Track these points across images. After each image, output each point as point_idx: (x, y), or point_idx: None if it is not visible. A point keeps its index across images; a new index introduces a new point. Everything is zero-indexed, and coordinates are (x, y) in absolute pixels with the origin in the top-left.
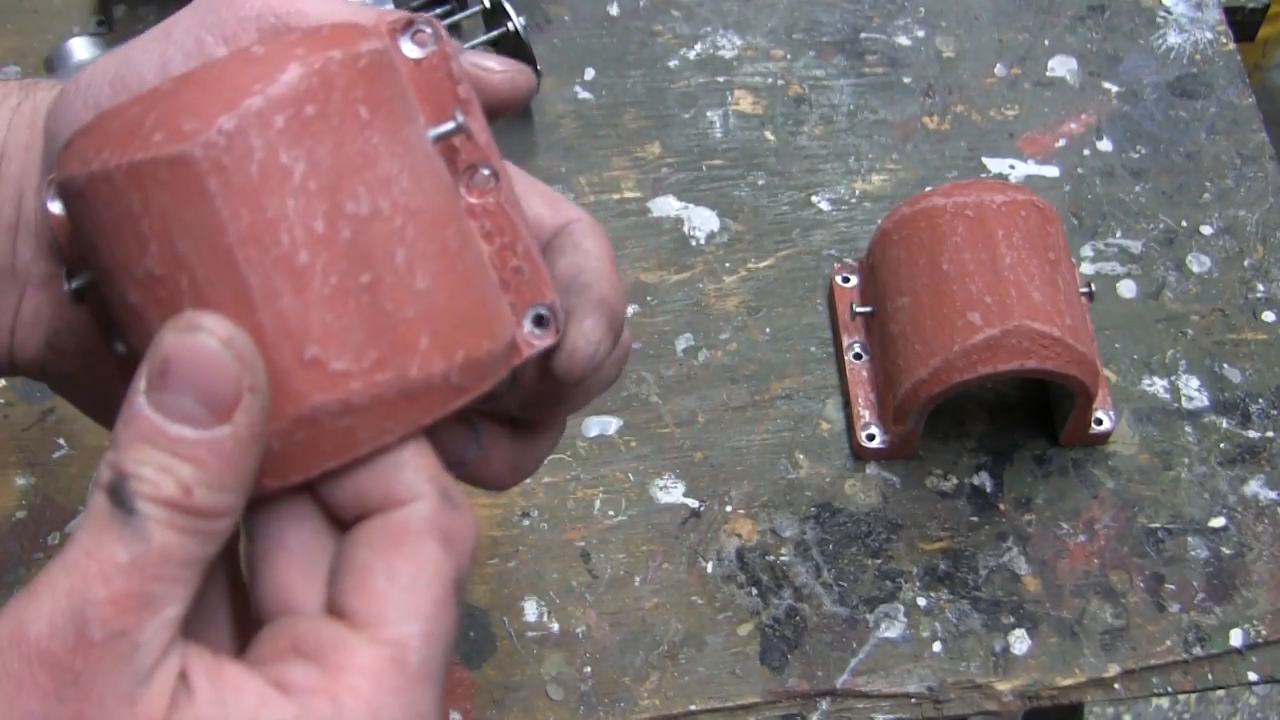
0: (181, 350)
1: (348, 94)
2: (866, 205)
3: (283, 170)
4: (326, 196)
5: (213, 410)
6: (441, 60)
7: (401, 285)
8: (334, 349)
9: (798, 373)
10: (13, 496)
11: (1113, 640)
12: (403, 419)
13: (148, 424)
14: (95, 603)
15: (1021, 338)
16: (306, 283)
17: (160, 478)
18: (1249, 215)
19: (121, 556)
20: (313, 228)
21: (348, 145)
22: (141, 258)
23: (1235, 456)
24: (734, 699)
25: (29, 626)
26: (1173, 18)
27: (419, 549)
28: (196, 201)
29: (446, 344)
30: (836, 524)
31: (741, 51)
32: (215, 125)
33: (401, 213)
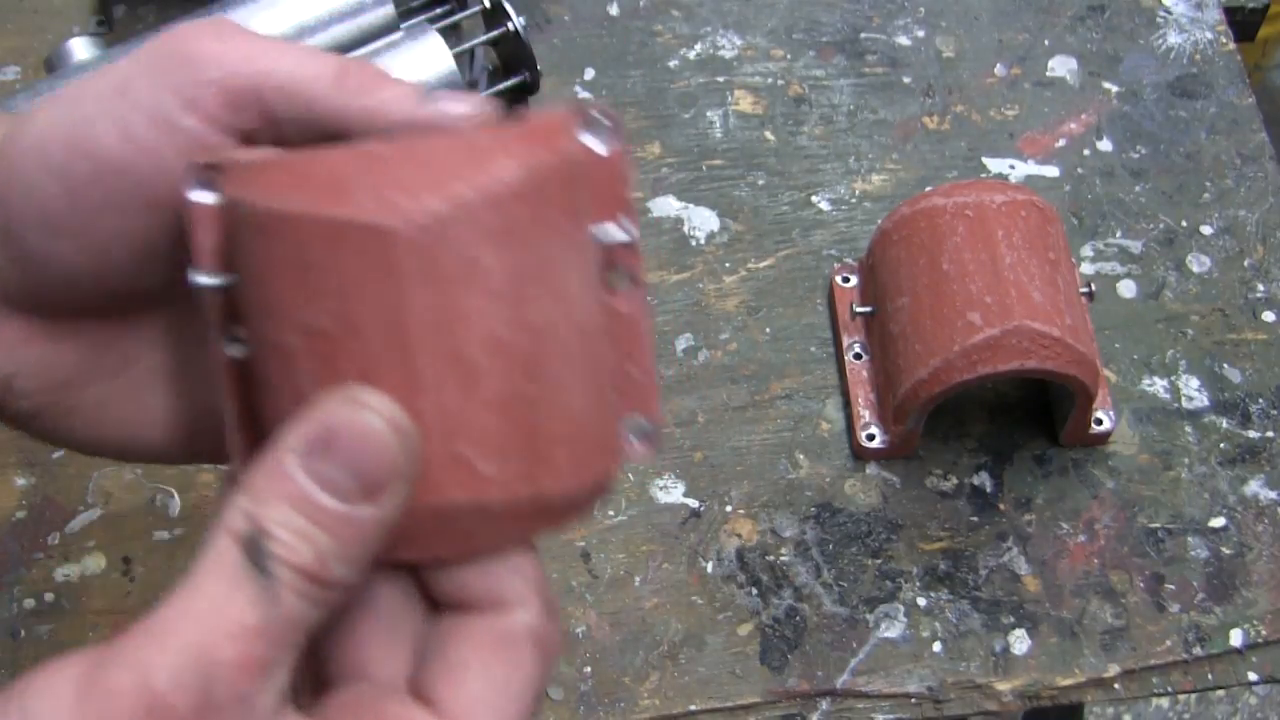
0: (349, 425)
1: (553, 201)
2: (866, 205)
3: (480, 269)
4: (515, 303)
5: (364, 489)
6: (617, 159)
7: (559, 403)
8: (484, 453)
9: (798, 373)
10: (13, 496)
11: (1113, 640)
12: (525, 528)
13: (295, 487)
14: (223, 664)
15: (1021, 338)
16: (474, 383)
17: (299, 544)
18: (1249, 215)
19: (250, 619)
20: (494, 331)
21: (542, 253)
22: (311, 309)
23: (1235, 456)
24: (734, 699)
25: (156, 676)
26: (1173, 18)
27: (518, 656)
28: (387, 276)
29: (582, 466)
30: (836, 524)
31: (741, 51)
32: (425, 207)
33: (572, 329)
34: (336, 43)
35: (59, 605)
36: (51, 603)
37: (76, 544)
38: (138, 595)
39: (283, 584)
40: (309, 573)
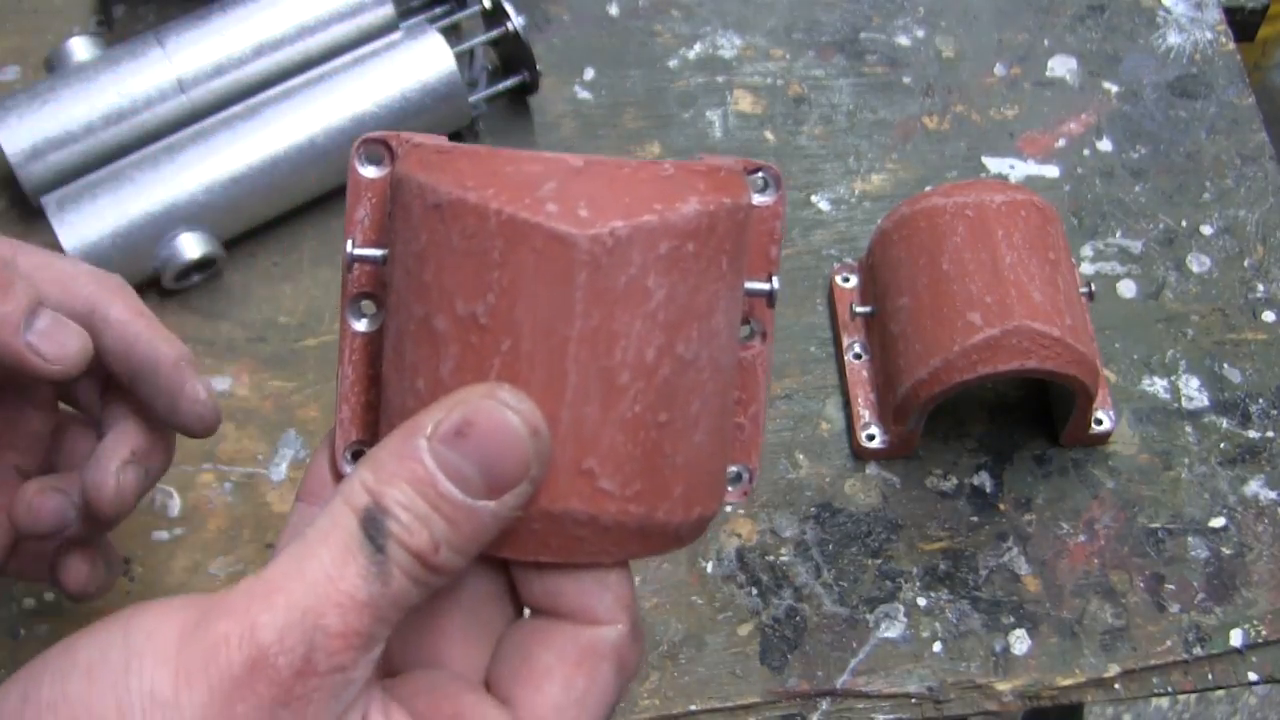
0: (489, 421)
1: (721, 242)
2: (866, 205)
3: (645, 292)
4: (667, 331)
5: (490, 485)
6: (773, 215)
7: (685, 434)
8: (609, 469)
9: (798, 373)
10: None
11: (1113, 640)
12: (626, 548)
13: (422, 470)
14: (327, 633)
15: (1021, 338)
16: (615, 400)
17: (416, 527)
18: (1249, 215)
19: (361, 593)
20: (644, 354)
21: (702, 290)
22: (473, 300)
23: (1235, 456)
24: (734, 699)
25: (262, 633)
26: (1173, 18)
27: (600, 671)
28: (560, 284)
29: (692, 499)
30: (836, 524)
31: (741, 51)
32: (609, 226)
33: (710, 367)
34: (336, 43)
35: (59, 605)
36: (51, 603)
37: None
38: (138, 595)
39: (395, 563)
40: (422, 557)
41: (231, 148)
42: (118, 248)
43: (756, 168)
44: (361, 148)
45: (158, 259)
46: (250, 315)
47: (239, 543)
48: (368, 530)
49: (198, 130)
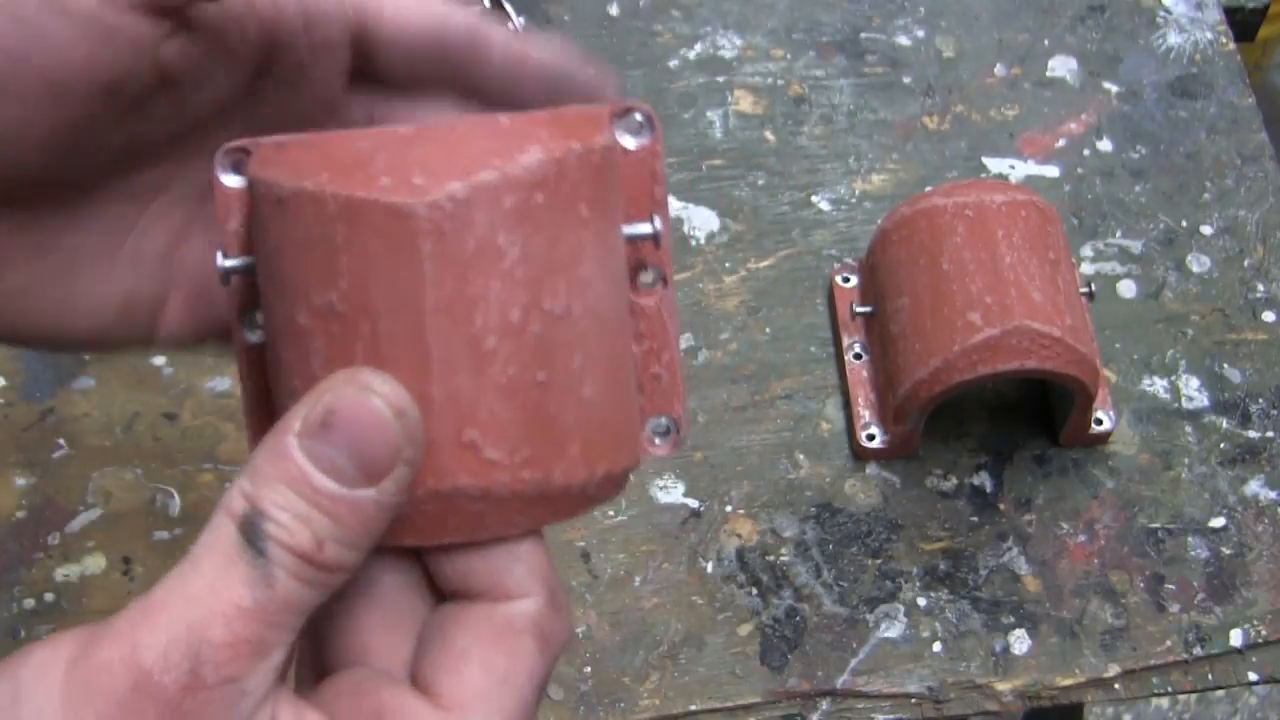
0: (351, 408)
1: (576, 189)
2: (866, 205)
3: (497, 251)
4: (530, 288)
5: (364, 473)
6: (651, 155)
7: (570, 390)
8: (492, 438)
9: (798, 373)
10: (13, 496)
11: (1113, 640)
12: (531, 517)
13: (295, 468)
14: (213, 644)
15: (1021, 338)
16: (486, 367)
17: (296, 526)
18: (1249, 215)
19: (246, 600)
20: (508, 315)
21: (562, 240)
22: (327, 289)
23: (1235, 456)
24: (734, 699)
25: (144, 653)
26: (1173, 18)
27: (519, 647)
28: (405, 258)
29: (593, 456)
30: (836, 524)
31: (741, 51)
32: (446, 189)
33: (589, 317)
34: None
35: (59, 605)
36: (51, 603)
37: (76, 544)
38: (138, 595)
39: (278, 566)
40: (306, 555)
41: None
42: None
43: (627, 109)
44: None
45: None
46: None
47: None
48: (246, 536)
49: None
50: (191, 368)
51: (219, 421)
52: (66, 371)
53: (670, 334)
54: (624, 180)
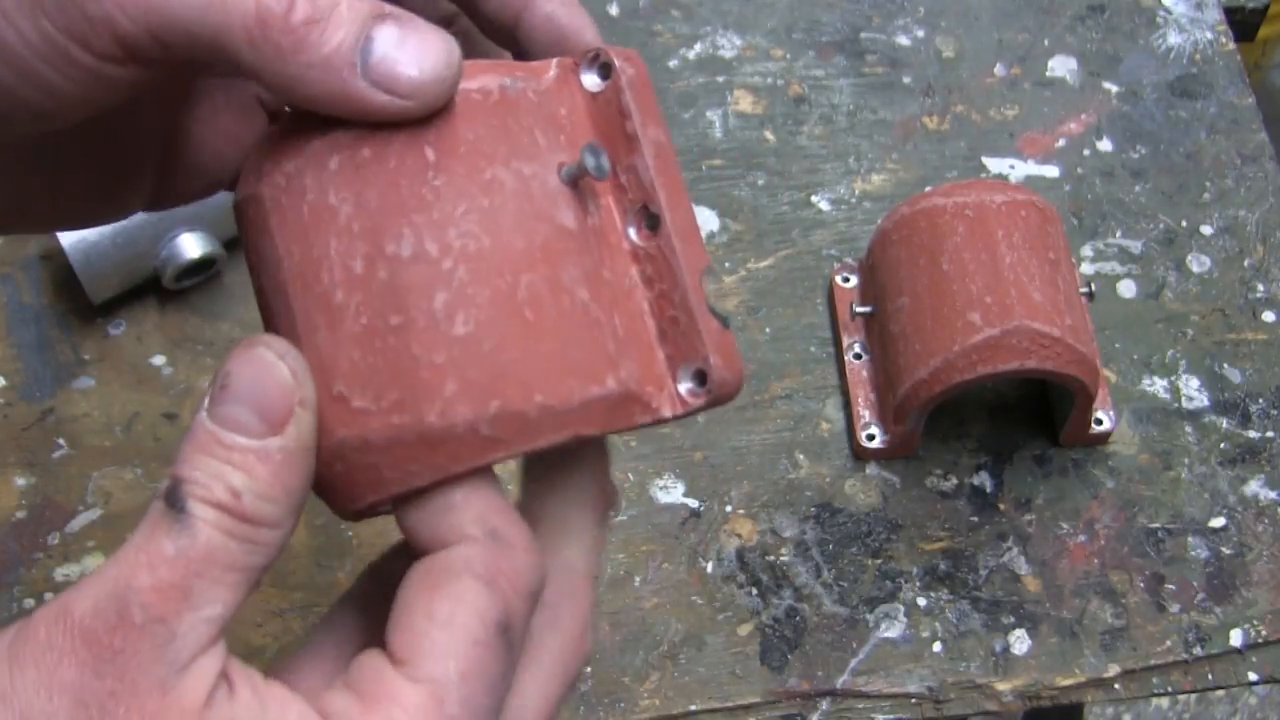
0: (241, 363)
1: (414, 136)
2: (866, 205)
3: (329, 210)
4: (368, 238)
5: (266, 421)
6: (614, 94)
7: (434, 329)
8: (356, 387)
9: (798, 373)
10: (12, 496)
11: (1113, 640)
12: (426, 463)
13: (206, 434)
14: (138, 589)
15: (1021, 338)
16: (339, 320)
17: (212, 482)
18: (1249, 215)
19: (169, 550)
20: (351, 267)
21: (401, 187)
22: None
23: (1235, 456)
24: (734, 699)
25: (74, 605)
26: (1173, 18)
27: (457, 589)
28: (265, 238)
29: (478, 393)
30: (836, 524)
31: (741, 51)
32: (281, 167)
33: (454, 256)
34: None
35: None
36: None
37: (76, 544)
38: None
39: (198, 519)
40: (224, 506)
41: None
42: (118, 248)
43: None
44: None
45: (158, 259)
46: (250, 315)
47: None
48: (169, 501)
49: None
50: (191, 368)
51: None
52: (66, 371)
53: (678, 274)
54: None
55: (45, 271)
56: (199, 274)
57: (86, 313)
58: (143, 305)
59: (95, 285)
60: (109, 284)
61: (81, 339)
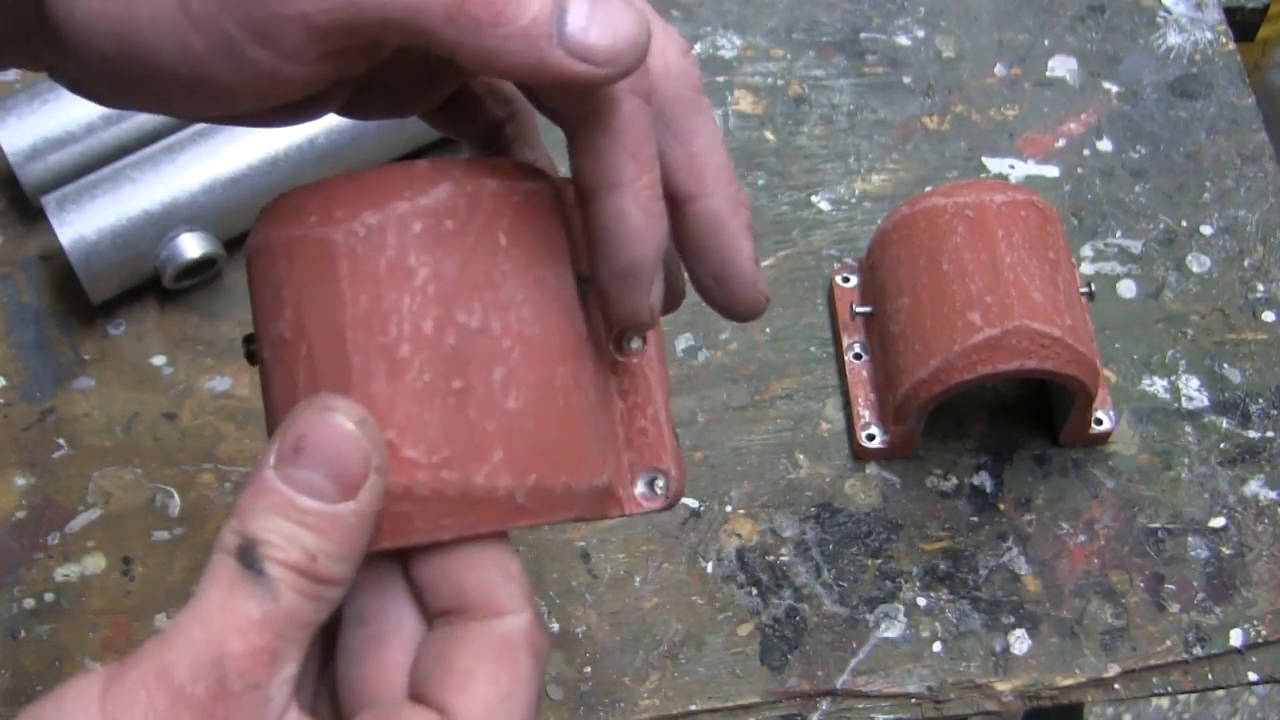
0: (316, 429)
1: (491, 220)
2: (866, 205)
3: (408, 270)
4: (442, 303)
5: (341, 487)
6: None
7: (490, 399)
8: (409, 438)
9: (798, 373)
10: (13, 496)
11: (1113, 640)
12: (460, 520)
13: (278, 496)
14: (233, 655)
15: (1021, 338)
16: (401, 373)
17: (288, 545)
18: (1249, 215)
19: (255, 613)
20: (421, 326)
21: (476, 264)
22: (277, 320)
23: (1235, 456)
24: (734, 699)
25: (172, 669)
26: (1173, 18)
27: (518, 662)
28: (327, 280)
29: (520, 464)
30: (836, 524)
31: (741, 51)
32: (360, 218)
33: (512, 336)
34: None
35: (59, 605)
36: (51, 603)
37: (76, 544)
38: (138, 595)
39: (279, 581)
40: (301, 569)
41: (231, 148)
42: (118, 248)
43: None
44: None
45: (158, 259)
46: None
47: None
48: (244, 561)
49: (198, 130)
50: (191, 368)
51: (219, 421)
52: (66, 371)
53: (655, 390)
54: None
55: (45, 271)
56: (199, 274)
57: (86, 313)
58: (143, 305)
59: (95, 285)
60: (109, 284)
61: (81, 339)
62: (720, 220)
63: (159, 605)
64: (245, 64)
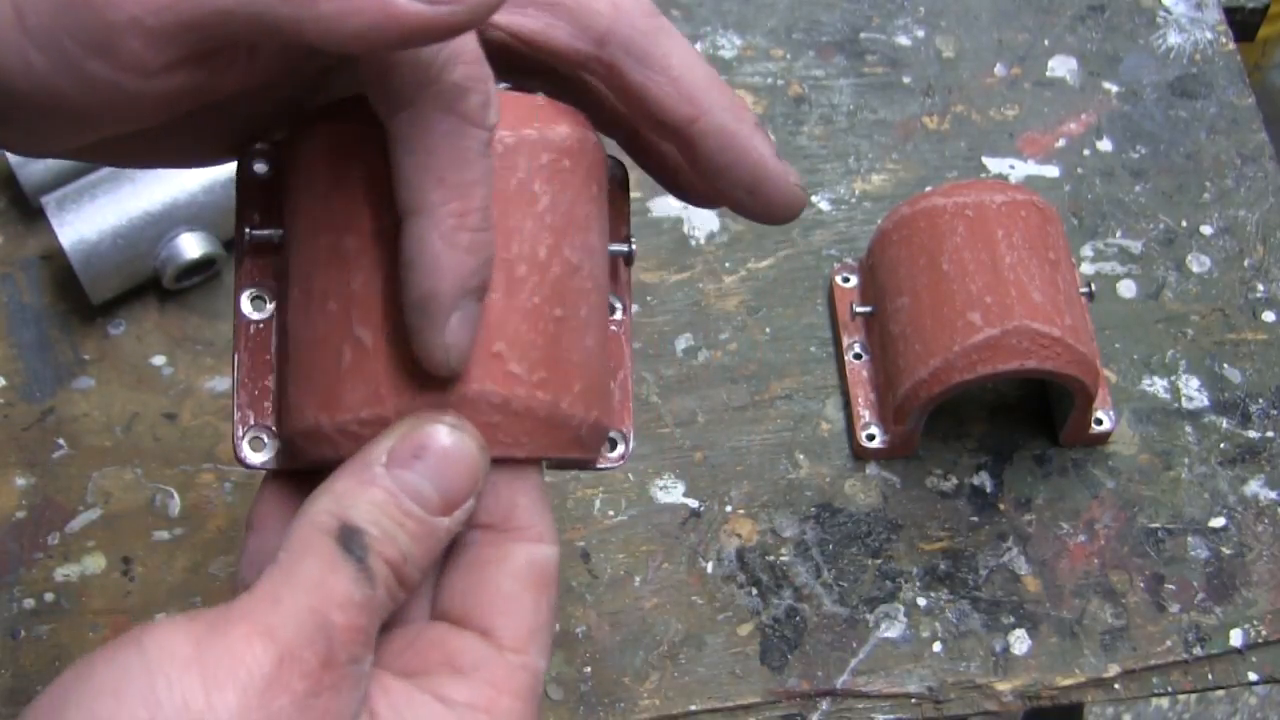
0: (443, 442)
1: (590, 169)
2: (866, 205)
3: (532, 195)
4: (554, 233)
5: (444, 504)
6: (624, 189)
7: (578, 334)
8: (516, 354)
9: (798, 373)
10: (13, 496)
11: (1113, 640)
12: (539, 440)
13: (385, 494)
14: (337, 627)
15: (1021, 338)
16: (516, 291)
17: (388, 541)
18: (1249, 215)
19: (357, 595)
20: (537, 251)
21: (578, 206)
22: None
23: (1235, 456)
24: (734, 699)
25: (278, 630)
26: (1173, 18)
27: (552, 593)
28: None
29: (590, 399)
30: (836, 524)
31: (741, 51)
32: (498, 134)
33: (592, 281)
34: None
35: (59, 605)
36: (51, 603)
37: (76, 544)
38: (138, 595)
39: (377, 572)
40: (395, 567)
41: None
42: (118, 248)
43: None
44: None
45: (158, 259)
46: None
47: (239, 543)
48: (345, 545)
49: None
50: (191, 368)
51: (219, 421)
52: (66, 371)
53: (627, 355)
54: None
55: (45, 271)
56: (199, 274)
57: (86, 313)
58: (143, 305)
59: (95, 285)
60: (109, 284)
61: (81, 339)
62: (728, 131)
63: (159, 605)
64: (88, 80)
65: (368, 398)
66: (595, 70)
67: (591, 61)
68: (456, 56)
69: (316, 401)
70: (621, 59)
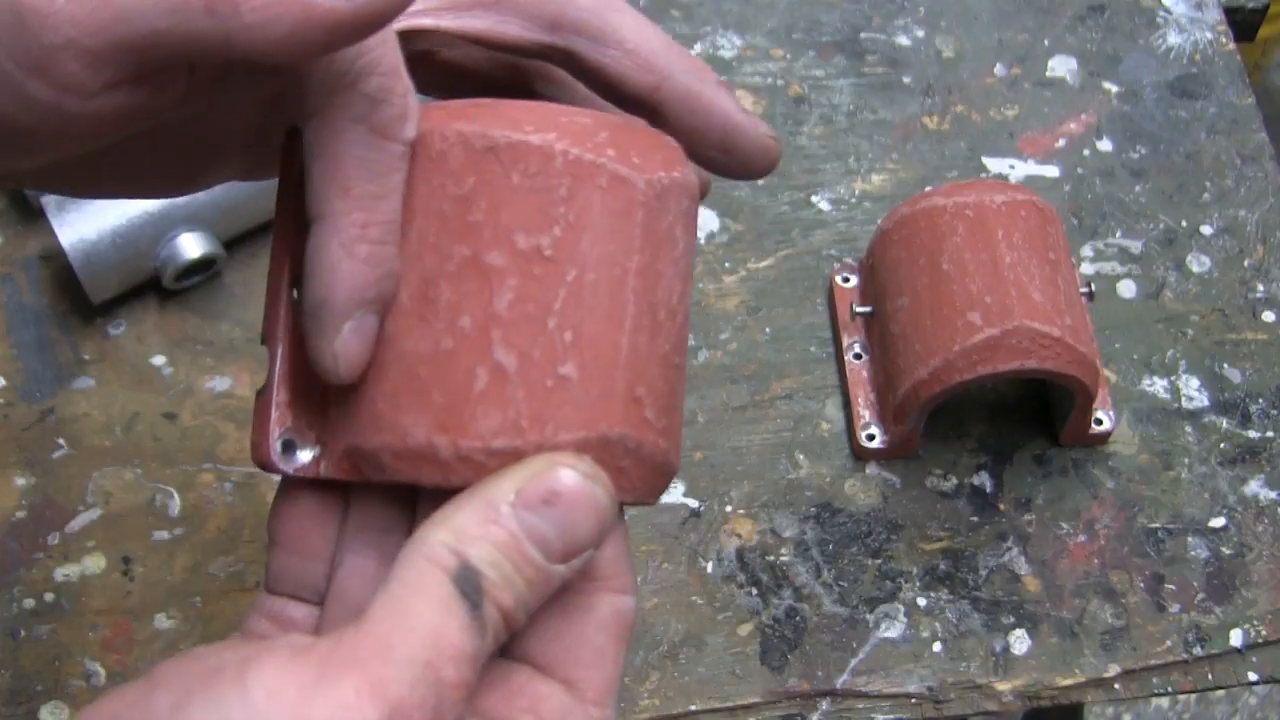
0: (575, 491)
1: (691, 214)
2: (866, 205)
3: (674, 240)
4: (683, 280)
5: (566, 550)
6: None
7: (681, 383)
8: (651, 400)
9: (798, 373)
10: (13, 496)
11: (1113, 640)
12: (648, 488)
13: (508, 536)
14: (448, 684)
15: (1021, 338)
16: (656, 335)
17: (505, 586)
18: (1249, 215)
19: (468, 647)
20: (671, 297)
21: (689, 253)
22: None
23: (1235, 456)
24: (734, 699)
25: (393, 687)
26: (1173, 18)
27: (627, 644)
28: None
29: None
30: (836, 524)
31: (741, 51)
32: (655, 174)
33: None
34: None
35: (59, 605)
36: (51, 603)
37: (76, 544)
38: (138, 595)
39: (489, 620)
40: (507, 614)
41: None
42: (118, 248)
43: None
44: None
45: (158, 259)
46: (250, 315)
47: (239, 543)
48: (462, 587)
49: None
50: (191, 368)
51: (219, 421)
52: (66, 371)
53: None
54: None
55: (45, 271)
56: (199, 274)
57: (86, 313)
58: (143, 305)
59: (95, 285)
60: (109, 284)
61: (81, 339)
62: (691, 92)
63: (159, 605)
64: (30, 102)
65: (503, 427)
66: (553, 57)
67: (548, 49)
68: (372, 68)
69: (434, 421)
70: (575, 41)
